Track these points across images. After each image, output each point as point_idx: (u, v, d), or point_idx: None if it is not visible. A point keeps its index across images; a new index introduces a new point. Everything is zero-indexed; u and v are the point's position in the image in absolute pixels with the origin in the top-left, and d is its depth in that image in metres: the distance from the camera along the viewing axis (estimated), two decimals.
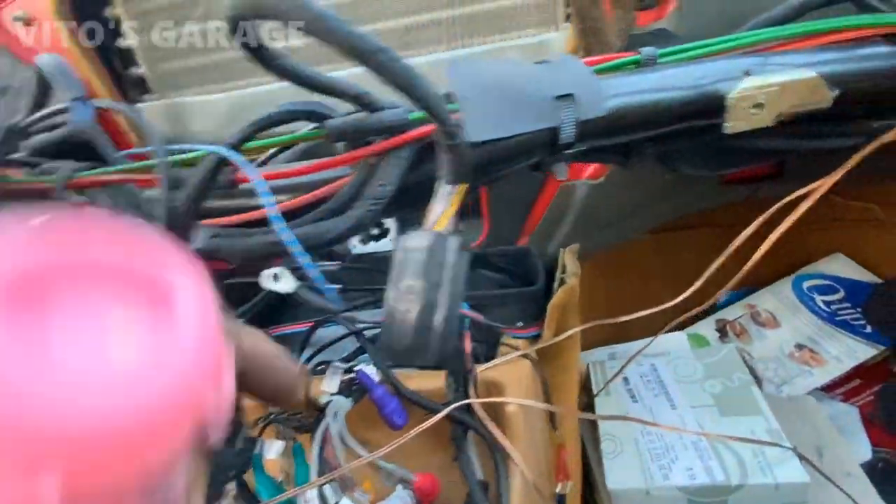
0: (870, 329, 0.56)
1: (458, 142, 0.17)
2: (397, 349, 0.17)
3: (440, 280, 0.17)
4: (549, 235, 0.51)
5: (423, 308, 0.17)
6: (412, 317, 0.17)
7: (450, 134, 0.17)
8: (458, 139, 0.17)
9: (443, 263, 0.17)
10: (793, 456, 0.38)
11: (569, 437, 0.42)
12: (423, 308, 0.17)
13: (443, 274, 0.17)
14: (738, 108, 0.22)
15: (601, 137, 0.24)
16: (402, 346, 0.17)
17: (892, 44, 0.27)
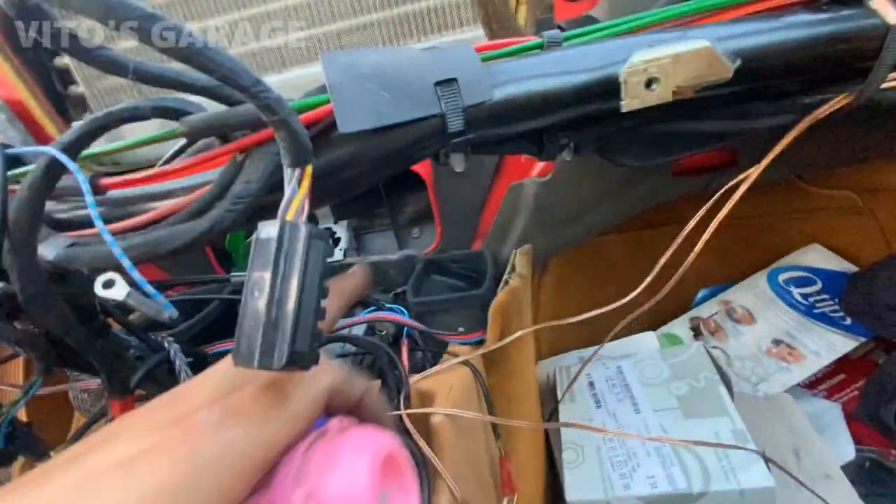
0: (850, 321, 0.53)
1: (280, 117, 0.16)
2: (249, 347, 0.15)
3: (290, 271, 0.16)
4: (503, 237, 0.49)
5: (270, 300, 0.15)
6: (261, 310, 0.15)
7: (267, 109, 0.16)
8: (278, 114, 0.16)
9: (293, 253, 0.16)
10: (758, 459, 0.36)
11: (523, 445, 0.40)
12: (270, 300, 0.15)
13: (293, 264, 0.16)
14: (631, 85, 0.21)
15: (494, 125, 0.23)
16: (253, 342, 0.15)
17: (813, 11, 0.25)
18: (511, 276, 0.39)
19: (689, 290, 0.65)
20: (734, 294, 0.61)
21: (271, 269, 0.15)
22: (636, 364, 0.49)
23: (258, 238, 0.16)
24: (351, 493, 0.13)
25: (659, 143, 0.34)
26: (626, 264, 0.67)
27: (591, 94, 0.23)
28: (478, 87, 0.21)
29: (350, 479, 0.14)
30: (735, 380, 0.53)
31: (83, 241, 0.20)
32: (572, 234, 0.49)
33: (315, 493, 0.13)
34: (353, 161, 0.22)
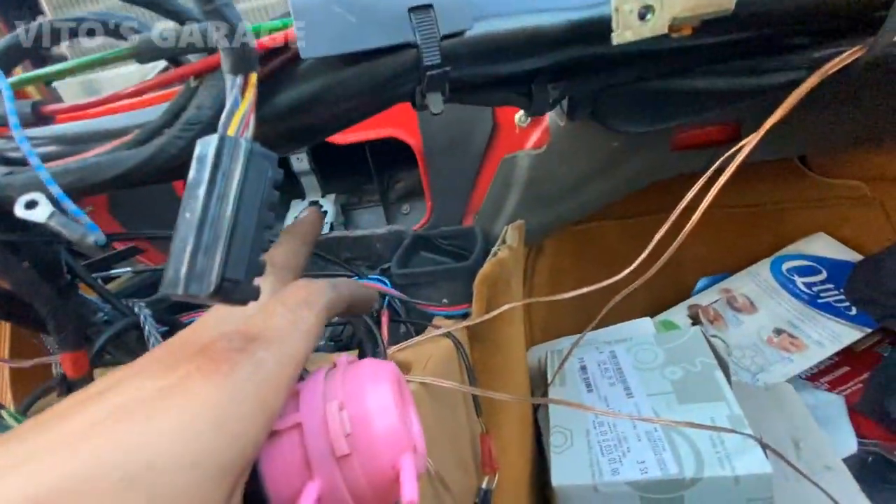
0: (855, 311, 0.51)
1: (215, 8, 0.14)
2: (175, 271, 0.13)
3: (227, 190, 0.14)
4: (496, 213, 0.47)
5: (202, 221, 0.14)
6: (192, 231, 0.13)
7: (209, 12, 0.14)
8: (215, 6, 0.14)
9: (231, 170, 0.14)
10: (755, 445, 0.34)
11: (509, 425, 0.38)
12: (202, 221, 0.14)
13: (231, 183, 0.14)
14: (623, 14, 0.19)
15: (475, 63, 0.21)
16: (180, 266, 0.13)
17: None
18: (500, 248, 0.37)
19: (689, 278, 0.63)
20: (735, 282, 0.59)
21: (205, 186, 0.14)
22: (630, 348, 0.47)
23: (196, 155, 0.14)
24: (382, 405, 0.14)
25: (658, 105, 0.32)
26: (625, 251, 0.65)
27: (584, 32, 0.21)
28: (457, 16, 0.20)
29: (379, 395, 0.14)
30: (734, 369, 0.51)
31: (18, 172, 0.18)
32: (567, 211, 0.47)
33: (348, 404, 0.14)
34: (319, 97, 0.20)
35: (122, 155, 0.17)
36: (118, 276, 0.44)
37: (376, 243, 0.47)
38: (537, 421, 0.46)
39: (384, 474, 0.14)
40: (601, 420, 0.40)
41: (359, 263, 0.48)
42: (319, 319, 0.16)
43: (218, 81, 0.18)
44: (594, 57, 0.23)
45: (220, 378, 0.12)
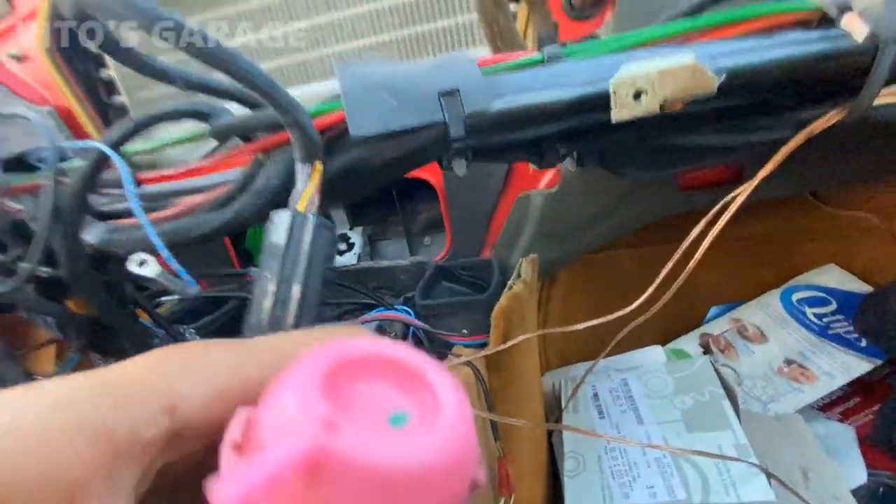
0: (865, 343, 0.52)
1: (293, 117, 0.18)
2: (258, 324, 0.17)
3: (297, 256, 0.18)
4: (511, 246, 0.50)
5: (280, 283, 0.17)
6: (270, 289, 0.17)
7: (282, 109, 0.18)
8: (292, 115, 0.18)
9: (301, 239, 0.18)
10: (759, 473, 0.36)
11: (525, 450, 0.40)
12: (280, 283, 0.17)
13: (300, 250, 0.18)
14: (620, 96, 0.22)
15: (494, 133, 0.24)
16: (261, 320, 0.17)
17: (804, 30, 0.26)
18: (516, 283, 0.40)
19: (700, 307, 0.65)
20: (746, 312, 0.60)
21: (282, 252, 0.17)
22: (641, 376, 0.49)
23: (271, 222, 0.18)
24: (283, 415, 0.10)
25: (660, 155, 0.35)
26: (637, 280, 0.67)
27: (585, 106, 0.24)
28: (478, 97, 0.23)
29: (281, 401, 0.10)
30: (745, 399, 0.52)
31: (122, 228, 0.22)
32: (578, 245, 0.50)
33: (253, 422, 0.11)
34: (363, 163, 0.24)
35: (206, 217, 0.21)
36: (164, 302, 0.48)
37: (400, 274, 0.50)
38: (552, 445, 0.48)
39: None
40: (613, 446, 0.42)
41: (384, 292, 0.52)
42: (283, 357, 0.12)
43: (282, 156, 0.22)
44: (597, 124, 0.26)
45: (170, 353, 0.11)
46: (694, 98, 0.23)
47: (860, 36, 0.22)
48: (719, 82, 0.22)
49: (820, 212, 0.63)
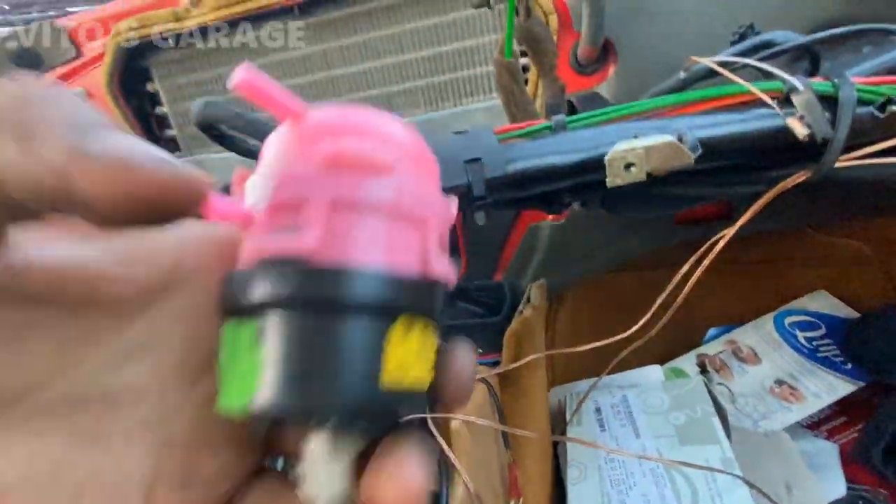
0: (850, 365, 0.56)
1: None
2: None
3: None
4: (521, 271, 0.55)
5: None
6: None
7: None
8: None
9: None
10: (742, 485, 0.40)
11: (532, 459, 0.45)
12: None
13: None
14: (613, 167, 0.27)
15: (509, 191, 0.29)
16: None
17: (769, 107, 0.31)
18: (525, 307, 0.45)
19: (698, 329, 0.69)
20: (741, 334, 0.64)
21: None
22: (640, 394, 0.54)
23: None
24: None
25: (654, 200, 0.40)
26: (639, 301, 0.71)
27: (584, 169, 0.29)
28: (497, 163, 0.28)
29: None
30: (737, 416, 0.56)
31: None
32: (582, 271, 0.54)
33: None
34: None
35: None
36: None
37: None
38: (557, 455, 0.52)
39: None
40: (612, 457, 0.47)
41: None
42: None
43: None
44: (597, 181, 0.31)
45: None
46: (674, 169, 0.28)
47: (801, 135, 0.26)
48: (695, 156, 0.27)
49: (814, 240, 0.67)
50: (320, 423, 0.11)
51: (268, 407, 0.10)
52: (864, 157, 0.30)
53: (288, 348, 0.10)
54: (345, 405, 0.11)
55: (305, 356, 0.10)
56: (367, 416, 0.11)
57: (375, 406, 0.11)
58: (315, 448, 0.12)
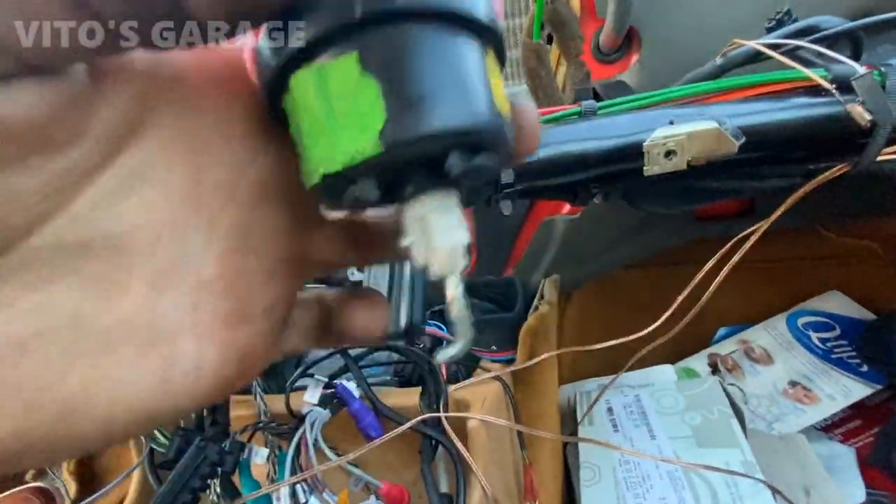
0: (866, 368, 0.55)
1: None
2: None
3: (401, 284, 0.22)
4: (533, 267, 0.54)
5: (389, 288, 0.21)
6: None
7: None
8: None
9: (401, 282, 0.22)
10: (765, 489, 0.39)
11: (544, 459, 0.43)
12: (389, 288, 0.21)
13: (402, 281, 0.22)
14: (652, 155, 0.26)
15: (538, 178, 0.28)
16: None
17: (812, 95, 0.30)
18: (541, 303, 0.43)
19: (709, 328, 0.68)
20: (753, 334, 0.63)
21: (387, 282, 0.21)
22: (653, 393, 0.52)
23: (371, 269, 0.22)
24: None
25: (680, 194, 0.38)
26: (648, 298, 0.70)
27: (619, 157, 0.28)
28: None
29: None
30: (750, 417, 0.55)
31: None
32: (597, 267, 0.53)
33: None
34: None
35: None
36: None
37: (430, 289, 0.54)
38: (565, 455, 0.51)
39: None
40: (626, 459, 0.45)
41: None
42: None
43: None
44: (626, 171, 0.30)
45: None
46: (717, 158, 0.26)
47: (863, 121, 0.25)
48: (739, 144, 0.26)
49: (825, 239, 0.66)
50: (454, 149, 0.10)
51: (407, 135, 0.09)
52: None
53: (417, 65, 0.09)
54: (485, 123, 0.10)
55: (445, 68, 0.09)
56: (495, 142, 0.10)
57: (501, 130, 0.10)
58: (429, 202, 0.11)
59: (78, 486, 0.50)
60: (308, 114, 0.10)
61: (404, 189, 0.11)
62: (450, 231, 0.11)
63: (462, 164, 0.10)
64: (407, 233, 0.11)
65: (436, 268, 0.11)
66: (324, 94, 0.10)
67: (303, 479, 0.30)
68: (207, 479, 0.30)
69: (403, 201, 0.11)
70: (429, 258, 0.11)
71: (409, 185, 0.11)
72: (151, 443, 0.32)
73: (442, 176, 0.10)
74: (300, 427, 0.34)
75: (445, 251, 0.11)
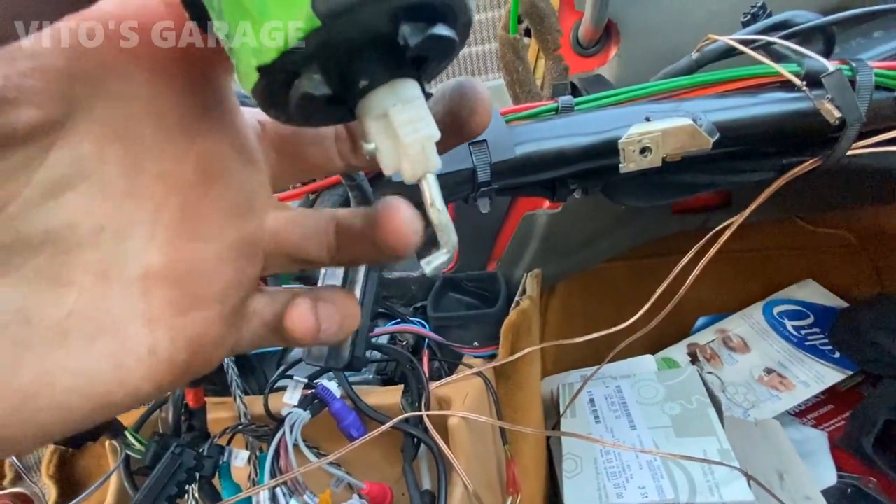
0: (838, 354, 0.57)
1: (357, 183, 0.21)
2: (320, 352, 0.20)
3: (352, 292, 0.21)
4: (516, 261, 0.54)
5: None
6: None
7: (349, 177, 0.21)
8: (356, 181, 0.21)
9: (354, 280, 0.21)
10: (740, 476, 0.40)
11: (527, 453, 0.44)
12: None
13: (355, 288, 0.21)
14: (628, 152, 0.26)
15: (515, 176, 0.28)
16: (320, 351, 0.20)
17: (785, 90, 0.30)
18: (522, 299, 0.43)
19: (688, 318, 0.69)
20: (731, 323, 0.64)
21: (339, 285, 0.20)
22: (634, 384, 0.53)
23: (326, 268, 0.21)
24: None
25: (657, 188, 0.38)
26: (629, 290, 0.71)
27: (596, 153, 0.27)
28: (503, 146, 0.26)
29: None
30: (728, 405, 0.56)
31: None
32: (578, 261, 0.53)
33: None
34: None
35: None
36: None
37: (411, 285, 0.53)
38: (549, 447, 0.51)
39: None
40: (608, 449, 0.46)
41: (395, 301, 0.55)
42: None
43: (331, 196, 0.25)
44: (608, 166, 0.30)
45: None
46: (691, 154, 0.26)
47: (832, 118, 0.25)
48: (713, 140, 0.26)
49: (800, 229, 0.67)
50: (405, 19, 0.09)
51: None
52: (878, 144, 0.29)
53: None
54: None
55: None
56: (453, 7, 0.09)
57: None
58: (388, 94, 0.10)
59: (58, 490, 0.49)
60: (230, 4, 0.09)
61: (357, 82, 0.10)
62: (416, 124, 0.10)
63: (418, 35, 0.09)
64: (369, 136, 0.10)
65: (408, 169, 0.10)
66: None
67: (283, 482, 0.30)
68: (185, 484, 0.29)
69: (358, 97, 0.10)
70: (398, 160, 0.10)
71: (362, 75, 0.09)
72: (127, 449, 0.32)
73: (397, 58, 0.09)
74: (280, 429, 0.33)
75: (415, 148, 0.10)
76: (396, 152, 0.10)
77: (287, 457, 0.31)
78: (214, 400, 0.38)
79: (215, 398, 0.39)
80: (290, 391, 0.35)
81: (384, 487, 0.35)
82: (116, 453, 0.35)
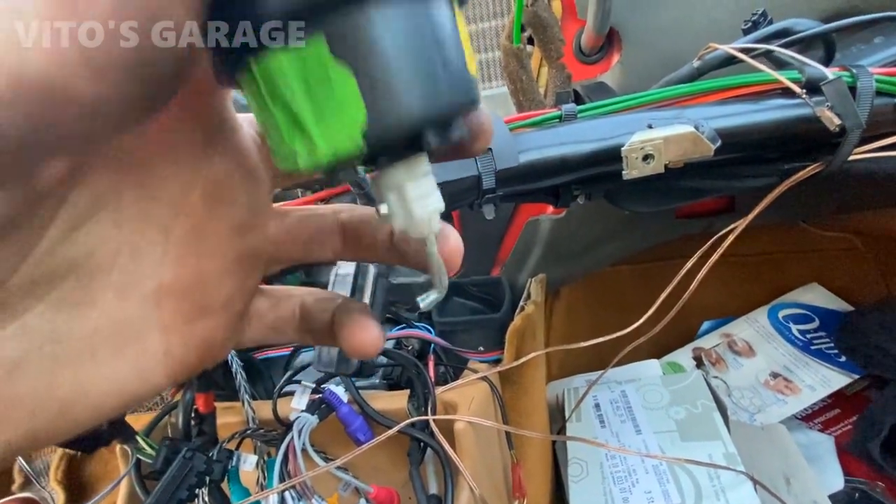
0: (844, 358, 0.57)
1: (366, 192, 0.21)
2: (330, 358, 0.21)
3: (361, 299, 0.21)
4: (520, 266, 0.54)
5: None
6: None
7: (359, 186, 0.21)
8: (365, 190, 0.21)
9: (364, 285, 0.21)
10: (746, 480, 0.40)
11: (533, 457, 0.44)
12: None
13: (364, 295, 0.21)
14: (631, 160, 0.26)
15: (519, 183, 0.28)
16: (333, 353, 0.21)
17: (786, 97, 0.30)
18: (527, 303, 0.44)
19: (693, 322, 0.69)
20: (736, 328, 0.64)
21: (348, 295, 0.21)
22: (639, 389, 0.53)
23: (337, 273, 0.22)
24: None
25: (660, 194, 0.39)
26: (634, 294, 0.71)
27: (598, 160, 0.28)
28: (507, 155, 0.27)
29: None
30: (733, 409, 0.56)
31: None
32: (582, 266, 0.53)
33: None
34: None
35: None
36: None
37: (417, 290, 0.54)
38: (554, 451, 0.51)
39: None
40: (613, 454, 0.46)
41: (399, 306, 0.55)
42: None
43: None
44: (611, 173, 0.30)
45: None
46: (694, 160, 0.26)
47: (832, 125, 0.26)
48: (715, 147, 0.26)
49: (805, 233, 0.67)
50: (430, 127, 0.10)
51: (391, 133, 0.09)
52: (879, 149, 0.29)
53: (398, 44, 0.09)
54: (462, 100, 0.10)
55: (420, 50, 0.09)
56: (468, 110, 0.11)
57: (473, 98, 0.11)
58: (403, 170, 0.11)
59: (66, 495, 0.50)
60: (277, 101, 0.09)
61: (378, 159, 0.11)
62: (426, 199, 0.11)
63: (438, 139, 0.10)
64: (384, 200, 0.12)
65: (415, 232, 0.11)
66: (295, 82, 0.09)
67: (291, 486, 0.30)
68: (195, 488, 0.30)
69: (377, 168, 0.11)
70: (408, 225, 0.11)
71: (384, 156, 0.11)
72: (138, 453, 0.32)
73: (417, 148, 0.11)
74: (288, 434, 0.34)
75: (424, 219, 0.11)
76: (406, 219, 0.11)
77: (295, 461, 0.32)
78: (223, 405, 0.39)
79: (224, 403, 0.39)
80: (297, 396, 0.35)
81: (391, 491, 0.35)
82: (127, 457, 0.35)
